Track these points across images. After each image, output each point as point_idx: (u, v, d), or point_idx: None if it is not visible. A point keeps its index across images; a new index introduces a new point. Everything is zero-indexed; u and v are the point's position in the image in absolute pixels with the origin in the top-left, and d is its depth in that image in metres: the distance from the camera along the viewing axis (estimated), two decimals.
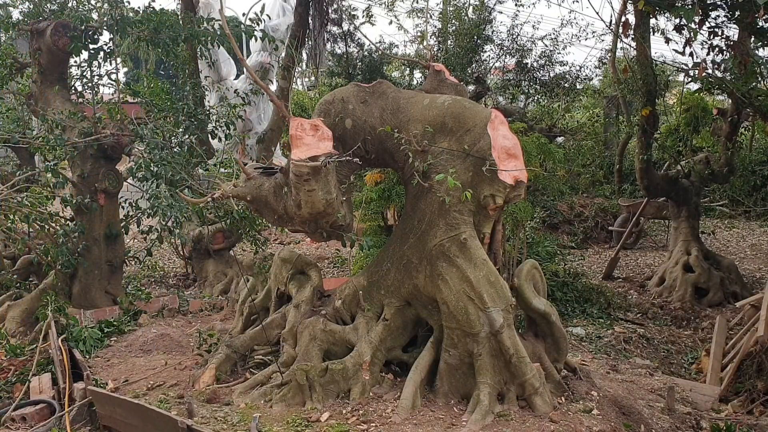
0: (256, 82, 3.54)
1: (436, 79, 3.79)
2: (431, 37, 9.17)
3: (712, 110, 8.15)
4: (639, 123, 7.45)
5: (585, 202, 11.39)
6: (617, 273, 8.40)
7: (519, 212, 5.09)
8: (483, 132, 3.25)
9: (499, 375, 3.17)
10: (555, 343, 3.48)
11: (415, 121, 3.40)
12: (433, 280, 3.27)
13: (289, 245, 8.96)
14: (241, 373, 3.71)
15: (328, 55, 8.60)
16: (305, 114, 9.78)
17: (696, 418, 3.78)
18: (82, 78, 5.69)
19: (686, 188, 7.72)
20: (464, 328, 3.18)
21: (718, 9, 5.29)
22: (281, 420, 3.08)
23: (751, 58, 5.95)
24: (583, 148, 11.45)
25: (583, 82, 9.98)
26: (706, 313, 6.80)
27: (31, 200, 4.75)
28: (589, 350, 5.33)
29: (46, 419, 3.13)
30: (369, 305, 3.49)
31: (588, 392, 3.43)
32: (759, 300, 5.16)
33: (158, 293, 6.26)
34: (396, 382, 3.42)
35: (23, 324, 4.92)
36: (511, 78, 9.52)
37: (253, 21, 5.49)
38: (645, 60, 7.04)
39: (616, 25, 7.95)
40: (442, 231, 3.26)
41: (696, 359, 5.54)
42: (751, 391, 4.35)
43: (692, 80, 7.35)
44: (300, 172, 3.12)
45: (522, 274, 3.44)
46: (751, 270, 8.34)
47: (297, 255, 3.88)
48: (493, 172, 3.15)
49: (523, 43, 9.29)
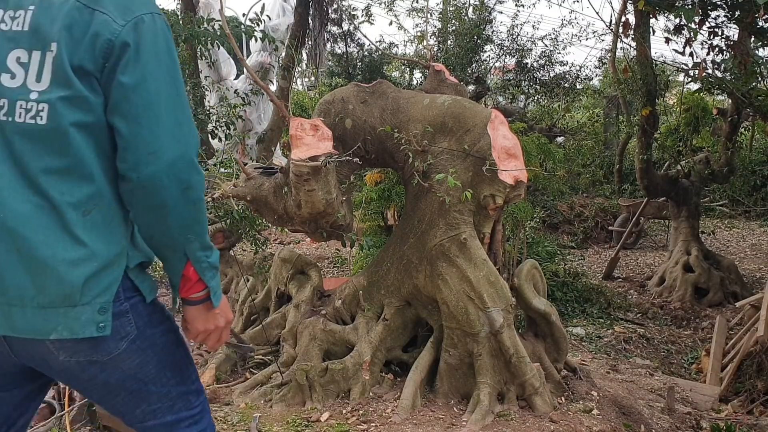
0: (256, 82, 3.54)
1: (436, 79, 3.79)
2: (431, 37, 9.18)
3: (712, 110, 8.15)
4: (639, 123, 7.44)
5: (585, 202, 11.38)
6: (617, 273, 8.40)
7: (519, 212, 5.09)
8: (483, 132, 3.25)
9: (499, 375, 3.17)
10: (555, 343, 3.48)
11: (415, 121, 3.40)
12: (433, 280, 3.27)
13: (289, 245, 8.96)
14: (241, 373, 3.71)
15: (328, 55, 8.60)
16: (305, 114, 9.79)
17: (696, 418, 3.78)
18: None
19: (686, 188, 7.72)
20: (464, 328, 3.18)
21: (718, 9, 5.29)
22: (281, 420, 3.08)
23: (751, 58, 5.95)
24: (583, 148, 11.43)
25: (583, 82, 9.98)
26: (706, 313, 6.80)
27: None
28: (589, 350, 5.33)
29: (46, 419, 3.12)
30: (369, 305, 3.49)
31: (588, 392, 3.43)
32: (759, 300, 5.16)
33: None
34: (396, 382, 3.42)
35: None
36: (511, 78, 9.52)
37: (253, 21, 5.48)
38: (645, 60, 7.04)
39: (616, 25, 7.95)
40: (442, 231, 3.26)
41: (696, 359, 5.54)
42: (751, 391, 4.35)
43: (692, 80, 7.35)
44: (300, 172, 3.12)
45: (522, 274, 3.44)
46: (751, 270, 8.34)
47: (297, 255, 3.88)
48: (493, 172, 3.15)
49: (523, 43, 9.29)
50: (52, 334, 1.28)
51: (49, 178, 1.26)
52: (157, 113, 1.28)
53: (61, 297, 1.27)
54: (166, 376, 1.47)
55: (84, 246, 1.28)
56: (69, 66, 1.23)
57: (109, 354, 1.35)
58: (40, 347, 1.32)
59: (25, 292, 1.27)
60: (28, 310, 1.27)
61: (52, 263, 1.26)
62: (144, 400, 1.46)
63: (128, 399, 1.45)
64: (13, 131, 1.26)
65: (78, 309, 1.28)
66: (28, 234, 1.25)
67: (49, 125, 1.24)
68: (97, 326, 1.30)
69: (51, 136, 1.25)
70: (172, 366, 1.49)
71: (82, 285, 1.28)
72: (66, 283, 1.27)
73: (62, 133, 1.25)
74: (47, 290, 1.27)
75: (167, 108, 1.30)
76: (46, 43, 1.24)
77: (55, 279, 1.26)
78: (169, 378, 1.48)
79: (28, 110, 1.24)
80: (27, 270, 1.26)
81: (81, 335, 1.29)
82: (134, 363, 1.40)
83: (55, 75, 1.24)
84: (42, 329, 1.28)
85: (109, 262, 1.32)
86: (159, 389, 1.46)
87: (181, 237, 1.35)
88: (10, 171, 1.26)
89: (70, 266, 1.27)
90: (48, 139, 1.25)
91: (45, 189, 1.26)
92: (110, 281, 1.32)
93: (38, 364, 1.39)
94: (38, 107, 1.24)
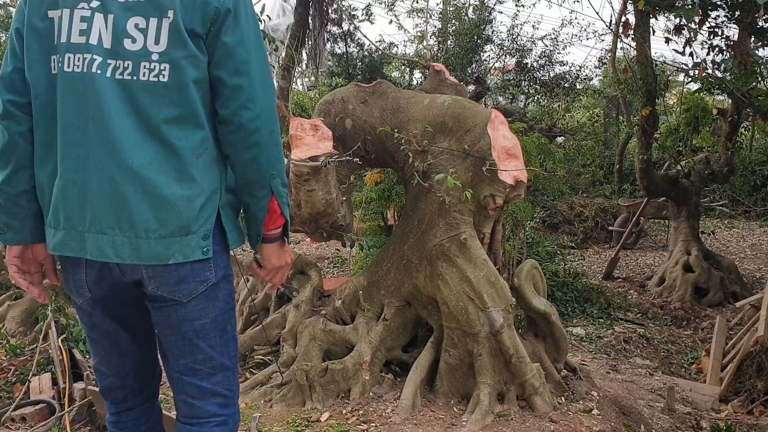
0: None
1: (436, 79, 3.79)
2: (431, 37, 9.17)
3: (712, 110, 8.15)
4: (639, 123, 7.44)
5: (585, 202, 11.38)
6: (617, 273, 8.40)
7: (519, 212, 5.09)
8: (483, 132, 3.24)
9: (499, 375, 3.17)
10: (555, 343, 3.48)
11: (415, 121, 3.40)
12: (433, 280, 3.27)
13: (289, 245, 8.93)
14: (241, 373, 3.71)
15: (328, 55, 8.60)
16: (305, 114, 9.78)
17: (696, 418, 3.78)
18: None
19: (686, 188, 7.72)
20: (464, 328, 3.18)
21: (718, 9, 5.29)
22: (281, 420, 3.08)
23: (751, 58, 5.95)
24: (583, 148, 11.44)
25: (583, 82, 9.99)
26: (706, 313, 6.80)
27: None
28: (589, 350, 5.33)
29: (46, 419, 3.12)
30: (369, 305, 3.49)
31: (588, 392, 3.43)
32: (759, 300, 5.16)
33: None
34: (396, 382, 3.42)
35: (23, 324, 4.91)
36: (511, 78, 9.52)
37: None
38: (645, 60, 7.04)
39: (616, 25, 7.95)
40: (442, 231, 3.26)
41: (696, 359, 5.54)
42: (751, 391, 4.35)
43: (692, 80, 7.35)
44: (300, 172, 3.12)
45: (522, 274, 3.44)
46: (751, 270, 8.34)
47: (297, 255, 3.88)
48: (493, 172, 3.14)
49: (523, 43, 9.30)
50: (171, 259, 1.52)
51: (169, 127, 1.49)
52: (252, 68, 1.53)
53: (178, 228, 1.51)
54: (215, 337, 1.66)
55: (196, 184, 1.52)
56: (184, 29, 1.46)
57: (189, 295, 1.58)
58: (137, 274, 1.55)
59: (149, 225, 1.49)
60: (152, 241, 1.50)
61: (172, 200, 1.49)
62: (191, 354, 1.65)
63: (180, 344, 1.64)
64: (138, 88, 1.47)
65: (189, 237, 1.53)
66: (153, 176, 1.47)
67: (171, 81, 1.47)
68: (202, 250, 1.55)
69: (172, 91, 1.48)
70: (221, 331, 1.68)
71: (195, 217, 1.52)
72: (183, 217, 1.51)
73: (182, 87, 1.48)
74: (167, 223, 1.50)
75: (258, 64, 1.55)
76: (163, 11, 1.46)
77: (174, 213, 1.50)
78: (216, 341, 1.67)
79: (152, 69, 1.46)
80: (151, 207, 1.48)
81: (192, 258, 1.53)
82: (198, 309, 1.61)
83: (171, 38, 1.46)
84: (163, 255, 1.51)
85: (211, 197, 1.56)
86: (206, 349, 1.65)
87: (268, 173, 1.59)
88: (134, 124, 1.47)
89: (186, 202, 1.51)
90: (169, 94, 1.48)
91: (166, 137, 1.49)
92: (210, 212, 1.57)
93: (137, 299, 1.64)
94: (160, 66, 1.46)
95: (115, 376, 1.78)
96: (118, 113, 1.46)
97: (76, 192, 1.49)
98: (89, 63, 1.46)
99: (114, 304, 1.67)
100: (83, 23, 1.47)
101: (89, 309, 1.67)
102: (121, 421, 1.82)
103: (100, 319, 1.69)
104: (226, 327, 1.69)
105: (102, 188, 1.47)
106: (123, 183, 1.47)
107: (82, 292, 1.62)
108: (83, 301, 1.65)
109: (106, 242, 1.49)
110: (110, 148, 1.46)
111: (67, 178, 1.49)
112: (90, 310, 1.67)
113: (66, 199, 1.50)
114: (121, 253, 1.50)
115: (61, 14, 1.48)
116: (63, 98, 1.48)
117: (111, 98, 1.46)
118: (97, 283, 1.60)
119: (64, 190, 1.50)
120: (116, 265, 1.54)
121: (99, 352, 1.76)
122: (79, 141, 1.47)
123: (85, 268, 1.58)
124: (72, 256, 1.56)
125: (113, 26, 1.47)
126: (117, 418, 1.82)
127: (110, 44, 1.47)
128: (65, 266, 1.62)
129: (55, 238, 1.54)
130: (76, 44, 1.47)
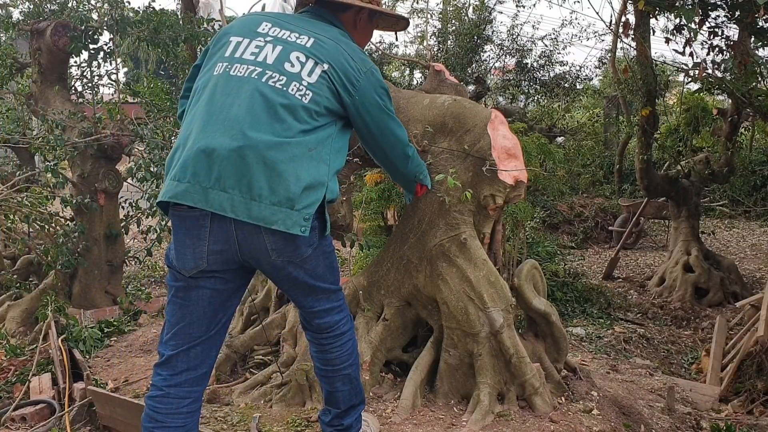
0: None
1: (436, 79, 3.78)
2: (431, 37, 9.18)
3: (712, 110, 8.15)
4: (639, 123, 7.44)
5: (585, 202, 11.38)
6: (617, 273, 8.40)
7: (519, 212, 5.09)
8: (483, 132, 3.24)
9: (499, 375, 3.17)
10: (555, 343, 3.48)
11: (415, 121, 3.39)
12: (433, 280, 3.27)
13: None
14: (241, 373, 3.71)
15: None
16: None
17: (696, 418, 3.78)
18: (82, 78, 5.68)
19: (686, 188, 7.72)
20: (464, 328, 3.18)
21: (718, 9, 5.29)
22: (281, 420, 3.08)
23: (751, 58, 5.95)
24: (583, 148, 11.44)
25: (583, 82, 10.00)
26: (706, 313, 6.79)
27: (31, 200, 4.75)
28: (589, 350, 5.33)
29: (46, 419, 3.12)
30: (369, 305, 3.49)
31: (588, 392, 3.43)
32: (759, 300, 5.16)
33: (158, 293, 6.25)
34: (396, 382, 3.42)
35: (23, 324, 4.91)
36: (511, 78, 9.53)
37: None
38: (645, 60, 7.04)
39: (616, 25, 7.95)
40: (442, 231, 3.26)
41: (696, 359, 5.54)
42: (751, 391, 4.35)
43: (692, 80, 7.34)
44: None
45: (522, 274, 3.44)
46: (751, 270, 8.34)
47: None
48: (493, 172, 3.14)
49: (523, 43, 9.31)
50: (274, 225, 1.85)
51: (297, 129, 1.92)
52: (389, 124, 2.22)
53: (285, 199, 1.86)
54: (328, 276, 2.12)
55: (306, 171, 1.90)
56: (330, 78, 1.99)
57: (302, 257, 1.97)
58: (259, 244, 1.90)
59: (263, 191, 1.84)
60: (263, 205, 1.84)
61: (285, 175, 1.86)
62: (313, 292, 2.11)
63: (304, 290, 2.10)
64: (283, 97, 1.92)
65: (293, 212, 1.87)
66: (274, 155, 1.86)
67: (309, 104, 1.95)
68: (300, 228, 1.88)
69: (308, 110, 1.95)
70: (331, 270, 2.14)
71: (299, 195, 1.87)
72: (291, 191, 1.86)
73: (316, 110, 1.96)
74: (278, 192, 1.85)
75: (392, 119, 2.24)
76: (320, 60, 1.99)
77: (284, 186, 1.86)
78: (329, 278, 2.13)
79: (299, 89, 1.94)
80: (267, 177, 1.85)
81: (291, 231, 1.87)
82: (312, 264, 2.03)
83: (320, 77, 1.98)
84: (269, 219, 1.85)
85: (316, 186, 1.93)
86: (323, 285, 2.11)
87: (412, 176, 2.71)
88: (270, 125, 1.89)
89: (296, 180, 1.87)
90: (304, 111, 1.94)
91: (292, 135, 1.91)
92: (314, 200, 1.92)
93: (253, 258, 1.96)
94: (305, 90, 1.95)
95: (185, 347, 2.01)
96: (258, 104, 1.90)
97: (205, 156, 1.84)
98: (250, 72, 1.95)
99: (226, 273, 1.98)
100: (256, 49, 2.00)
101: (193, 282, 1.96)
102: (169, 396, 2.02)
103: (199, 291, 1.98)
104: (333, 264, 2.15)
105: (231, 155, 1.84)
106: (249, 155, 1.84)
107: (199, 263, 1.92)
108: (195, 273, 1.94)
109: (226, 199, 1.83)
110: (245, 126, 1.86)
111: (201, 144, 1.86)
112: (193, 282, 1.96)
113: (197, 159, 1.85)
114: (236, 210, 1.83)
115: (241, 40, 2.03)
116: (218, 89, 1.94)
117: (257, 94, 1.90)
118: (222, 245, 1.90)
119: (197, 153, 1.85)
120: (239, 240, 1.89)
121: (184, 318, 2.00)
122: (221, 120, 1.88)
123: (210, 224, 1.88)
124: (191, 217, 1.88)
125: (279, 53, 1.98)
126: (164, 392, 2.02)
127: (272, 62, 1.97)
128: (184, 238, 1.92)
129: (177, 189, 1.86)
130: (245, 59, 1.98)
